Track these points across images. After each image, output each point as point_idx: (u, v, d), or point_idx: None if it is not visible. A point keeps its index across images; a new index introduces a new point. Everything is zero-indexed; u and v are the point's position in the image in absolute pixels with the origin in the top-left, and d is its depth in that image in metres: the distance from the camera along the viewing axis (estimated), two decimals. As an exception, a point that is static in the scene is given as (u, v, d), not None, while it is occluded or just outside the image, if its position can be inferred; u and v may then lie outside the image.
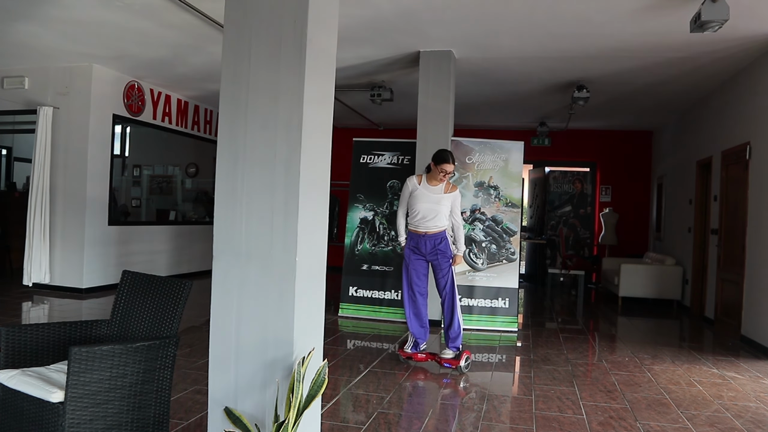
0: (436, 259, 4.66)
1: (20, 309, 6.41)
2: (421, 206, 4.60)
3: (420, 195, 4.61)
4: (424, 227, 4.63)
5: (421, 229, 4.64)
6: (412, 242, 4.70)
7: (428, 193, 4.60)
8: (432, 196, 4.60)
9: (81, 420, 2.19)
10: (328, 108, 2.67)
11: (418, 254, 4.69)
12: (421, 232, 4.64)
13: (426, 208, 4.60)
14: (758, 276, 5.67)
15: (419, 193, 4.62)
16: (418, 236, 4.66)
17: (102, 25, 5.68)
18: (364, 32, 5.64)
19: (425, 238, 4.63)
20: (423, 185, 4.63)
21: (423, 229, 4.63)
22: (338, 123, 10.51)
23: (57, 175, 7.31)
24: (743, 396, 4.12)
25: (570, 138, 10.73)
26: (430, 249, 4.64)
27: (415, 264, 4.70)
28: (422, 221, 4.62)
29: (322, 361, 2.56)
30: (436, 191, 4.61)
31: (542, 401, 3.83)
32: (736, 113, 6.51)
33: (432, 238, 4.62)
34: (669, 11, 4.73)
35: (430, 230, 4.62)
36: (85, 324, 2.73)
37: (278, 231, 2.40)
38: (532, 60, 6.36)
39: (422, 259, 4.70)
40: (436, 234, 4.63)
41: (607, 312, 8.03)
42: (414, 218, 4.67)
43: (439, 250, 4.64)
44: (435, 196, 4.60)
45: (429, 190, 4.61)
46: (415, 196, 4.63)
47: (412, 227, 4.70)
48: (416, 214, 4.64)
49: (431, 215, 4.60)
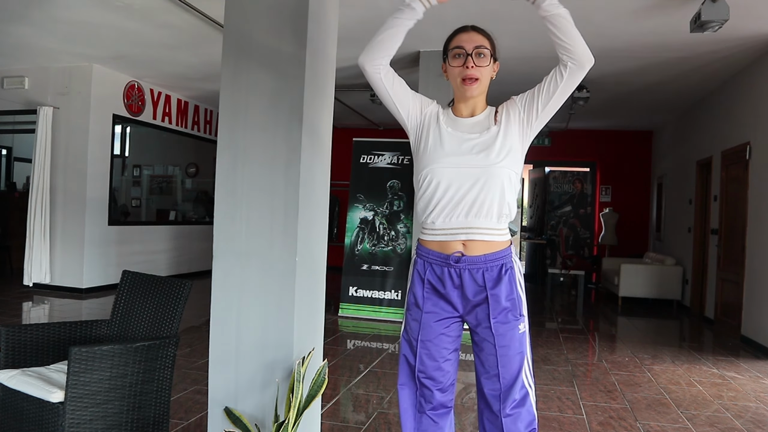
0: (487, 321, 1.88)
1: (20, 309, 6.41)
2: (446, 168, 1.85)
3: (443, 138, 1.90)
4: (457, 230, 1.86)
5: (449, 237, 1.87)
6: (426, 269, 1.93)
7: (460, 134, 1.90)
8: (469, 137, 1.89)
9: (81, 420, 2.19)
10: (328, 108, 2.67)
11: (439, 301, 1.93)
12: (450, 244, 1.87)
13: (459, 174, 1.84)
14: (758, 276, 5.66)
15: (441, 136, 1.91)
16: (440, 258, 1.89)
17: (102, 25, 5.68)
18: (364, 32, 5.61)
19: (462, 265, 1.86)
20: (445, 120, 1.96)
21: (455, 231, 1.87)
22: (338, 123, 10.50)
23: (57, 175, 7.31)
24: (743, 396, 4.12)
25: (570, 138, 10.72)
26: (473, 293, 1.88)
27: (430, 326, 1.93)
28: (453, 212, 1.86)
29: (322, 361, 2.57)
30: (476, 125, 1.93)
31: (542, 401, 3.83)
32: (736, 113, 6.51)
33: (479, 264, 1.86)
34: (669, 11, 4.73)
35: (473, 238, 1.86)
36: (85, 324, 2.73)
37: (278, 231, 2.40)
38: (532, 60, 6.35)
39: (450, 316, 1.93)
40: (488, 255, 1.87)
41: (607, 312, 8.03)
42: (430, 205, 1.88)
43: (494, 299, 1.87)
44: (478, 137, 1.89)
45: (460, 127, 1.92)
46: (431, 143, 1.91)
47: (427, 233, 1.93)
48: (435, 190, 1.87)
49: (476, 192, 1.84)
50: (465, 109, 1.97)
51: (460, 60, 1.90)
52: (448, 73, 1.96)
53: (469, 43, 1.89)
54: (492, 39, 1.95)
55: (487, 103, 2.00)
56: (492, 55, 1.93)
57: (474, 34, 1.93)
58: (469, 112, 1.97)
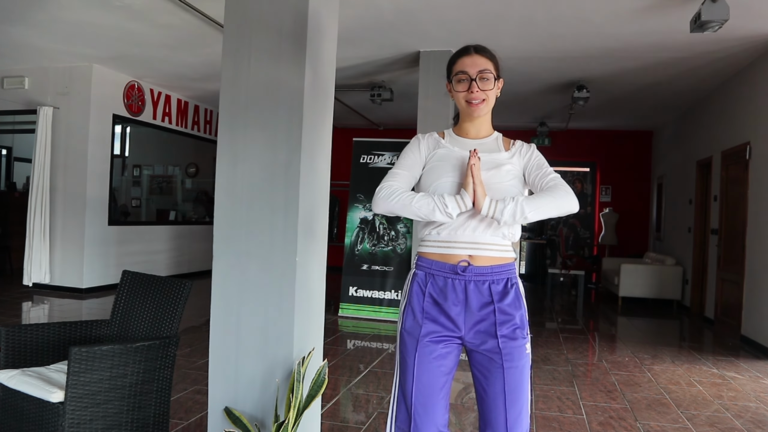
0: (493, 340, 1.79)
1: (20, 309, 6.41)
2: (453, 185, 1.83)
3: (449, 156, 1.90)
4: (463, 244, 1.82)
5: (455, 248, 1.82)
6: (429, 281, 1.84)
7: (466, 152, 1.87)
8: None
9: (81, 420, 2.19)
10: (328, 108, 2.67)
11: (439, 317, 1.82)
12: (455, 256, 1.81)
13: None
14: (758, 276, 5.66)
15: (447, 154, 1.91)
16: (444, 268, 1.82)
17: (102, 25, 5.68)
18: (364, 32, 5.64)
19: (468, 276, 1.79)
20: (450, 140, 1.96)
21: (461, 245, 1.82)
22: (338, 123, 10.51)
23: (57, 175, 7.31)
24: (743, 396, 4.12)
25: (570, 138, 10.73)
26: (479, 306, 1.79)
27: (427, 347, 1.80)
28: (459, 228, 1.82)
29: (322, 361, 2.57)
30: (483, 146, 1.93)
31: (542, 401, 3.83)
32: (736, 113, 6.51)
33: (486, 275, 1.80)
34: (669, 11, 4.73)
35: (479, 254, 1.81)
36: (85, 324, 2.73)
37: (278, 231, 2.40)
38: (532, 60, 6.36)
39: (449, 337, 1.81)
40: (495, 267, 1.82)
41: (607, 312, 8.03)
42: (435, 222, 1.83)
43: (501, 313, 1.80)
44: (486, 156, 1.88)
45: (467, 146, 1.92)
46: (438, 162, 1.90)
47: (429, 244, 1.87)
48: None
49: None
50: (471, 128, 1.97)
51: (464, 85, 1.89)
52: (454, 97, 1.94)
53: (473, 67, 1.88)
54: (495, 59, 1.94)
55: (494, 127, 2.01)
56: (495, 76, 1.92)
57: (477, 58, 1.90)
58: (475, 133, 1.97)
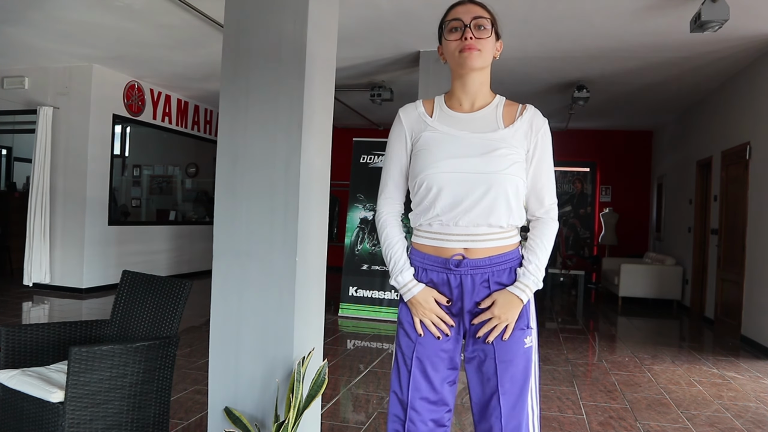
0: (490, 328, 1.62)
1: (20, 309, 6.40)
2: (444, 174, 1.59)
3: (438, 140, 1.63)
4: (458, 236, 1.61)
5: (449, 241, 1.62)
6: (421, 277, 1.67)
7: (458, 132, 1.63)
8: (470, 137, 1.62)
9: (81, 420, 2.19)
10: (328, 108, 2.67)
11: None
12: (449, 247, 1.61)
13: (459, 181, 1.58)
14: (758, 276, 5.67)
15: (435, 137, 1.64)
16: (437, 262, 1.63)
17: (102, 25, 5.68)
18: (364, 32, 5.64)
19: (463, 270, 1.61)
20: (439, 115, 1.69)
21: (454, 237, 1.61)
22: (338, 123, 10.51)
23: (57, 175, 7.31)
24: (743, 396, 4.12)
25: (570, 138, 10.72)
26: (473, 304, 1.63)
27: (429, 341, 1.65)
28: (452, 221, 1.60)
29: (322, 361, 2.57)
30: (478, 122, 1.65)
31: (542, 401, 3.82)
32: (736, 113, 6.51)
33: (484, 267, 1.61)
34: (669, 11, 4.73)
35: (475, 239, 1.60)
36: (85, 324, 2.73)
37: (278, 231, 2.40)
38: (532, 60, 6.35)
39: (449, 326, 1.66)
40: (494, 257, 1.61)
41: (607, 312, 8.03)
42: (426, 215, 1.63)
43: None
44: (481, 136, 1.61)
45: (458, 124, 1.65)
46: (425, 147, 1.64)
47: (421, 234, 1.67)
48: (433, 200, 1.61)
49: (479, 201, 1.58)
50: (465, 99, 1.66)
51: (457, 33, 1.61)
52: (445, 51, 1.65)
53: (467, 14, 1.61)
54: (493, 15, 1.67)
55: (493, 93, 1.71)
56: (493, 28, 1.64)
57: (472, 6, 1.64)
58: (470, 104, 1.66)
